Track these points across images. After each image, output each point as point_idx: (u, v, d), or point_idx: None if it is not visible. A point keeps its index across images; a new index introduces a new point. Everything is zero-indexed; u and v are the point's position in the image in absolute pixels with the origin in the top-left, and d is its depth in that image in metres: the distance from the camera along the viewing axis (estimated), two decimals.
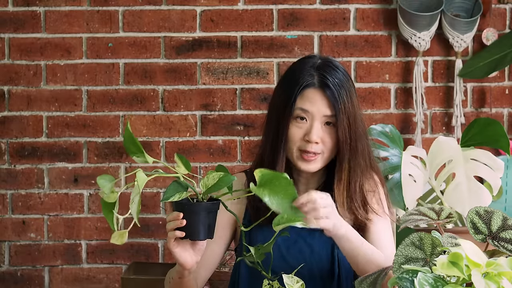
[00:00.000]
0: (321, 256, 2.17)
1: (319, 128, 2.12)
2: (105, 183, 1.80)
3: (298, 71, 2.17)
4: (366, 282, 1.76)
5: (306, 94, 2.13)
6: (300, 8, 3.53)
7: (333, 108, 2.11)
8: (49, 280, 3.54)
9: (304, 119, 2.13)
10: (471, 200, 2.57)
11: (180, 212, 1.88)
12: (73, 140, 3.53)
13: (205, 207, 1.88)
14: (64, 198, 3.53)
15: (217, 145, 3.53)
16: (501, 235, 1.75)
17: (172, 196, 1.85)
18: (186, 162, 1.91)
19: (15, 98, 3.52)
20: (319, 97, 2.13)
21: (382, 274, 1.75)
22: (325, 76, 2.13)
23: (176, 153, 1.94)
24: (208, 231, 1.89)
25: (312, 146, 2.12)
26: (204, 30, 3.53)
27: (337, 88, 2.13)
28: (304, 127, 2.13)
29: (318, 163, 2.14)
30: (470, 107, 3.57)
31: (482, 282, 1.50)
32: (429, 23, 3.43)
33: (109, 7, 3.52)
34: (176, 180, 1.87)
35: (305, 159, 2.13)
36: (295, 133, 2.13)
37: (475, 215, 1.78)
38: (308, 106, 2.12)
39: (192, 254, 1.95)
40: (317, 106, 2.12)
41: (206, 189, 1.87)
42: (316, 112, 2.12)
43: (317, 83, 2.13)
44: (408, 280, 1.58)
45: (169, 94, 3.53)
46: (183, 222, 1.87)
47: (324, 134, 2.13)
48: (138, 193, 1.79)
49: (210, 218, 1.89)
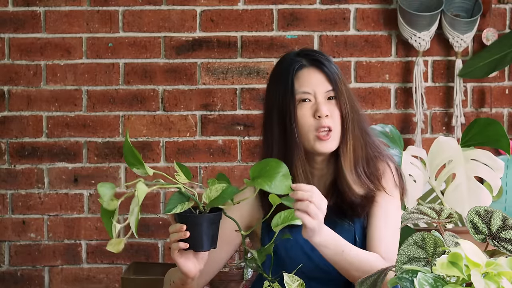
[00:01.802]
0: None
1: (325, 102, 2.14)
2: (105, 191, 1.80)
3: (284, 63, 2.20)
4: (367, 283, 1.76)
5: (302, 76, 2.16)
6: (300, 8, 3.53)
7: (330, 82, 2.15)
8: (49, 280, 3.54)
9: (307, 100, 2.15)
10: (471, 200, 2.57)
11: (183, 224, 1.87)
12: (73, 140, 3.53)
13: (208, 218, 1.87)
14: (64, 198, 3.53)
15: (217, 145, 3.53)
16: (501, 235, 1.75)
17: (174, 208, 1.84)
18: (186, 171, 1.91)
19: (15, 98, 3.52)
20: (314, 74, 2.16)
21: (382, 275, 1.74)
22: (312, 55, 2.18)
23: (176, 162, 1.93)
24: (211, 241, 1.89)
25: (325, 120, 2.12)
26: (204, 30, 3.53)
27: (327, 64, 2.17)
28: (310, 107, 2.14)
29: (334, 141, 2.15)
30: (470, 107, 3.57)
31: (481, 282, 1.50)
32: (429, 23, 3.43)
33: (109, 7, 3.52)
34: (178, 191, 1.87)
35: (322, 139, 2.13)
36: (305, 115, 2.14)
37: (475, 215, 1.78)
38: (308, 86, 2.14)
39: (196, 263, 1.95)
40: (316, 83, 2.15)
41: (210, 201, 1.86)
42: (317, 89, 2.14)
43: (308, 63, 2.17)
44: (408, 280, 1.58)
45: (169, 94, 3.53)
46: (187, 234, 1.87)
47: (330, 107, 2.14)
48: (138, 204, 1.79)
49: (213, 228, 1.88)
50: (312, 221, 1.92)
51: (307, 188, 1.92)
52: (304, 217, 1.91)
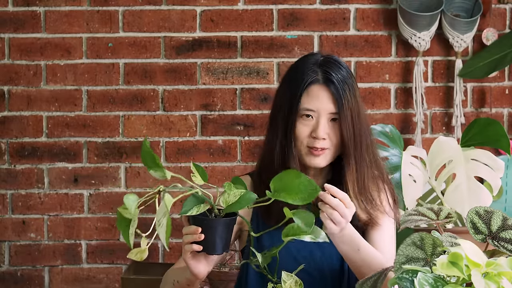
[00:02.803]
0: (332, 257, 2.18)
1: (325, 124, 2.13)
2: (131, 202, 1.80)
3: (301, 69, 2.17)
4: (367, 284, 1.76)
5: (311, 91, 2.14)
6: (300, 8, 3.53)
7: (336, 105, 2.13)
8: (49, 280, 3.54)
9: (310, 116, 2.14)
10: (471, 200, 2.57)
11: (198, 226, 1.87)
12: (73, 140, 3.53)
13: (224, 222, 1.87)
14: (64, 198, 3.53)
15: (217, 145, 3.53)
16: (501, 235, 1.75)
17: (190, 210, 1.85)
18: (203, 172, 1.90)
19: (15, 98, 3.52)
20: (324, 93, 2.13)
21: (382, 276, 1.74)
22: (329, 72, 2.14)
23: (193, 163, 1.93)
24: (224, 245, 1.89)
25: (320, 142, 2.12)
26: (204, 30, 3.53)
27: (341, 84, 2.14)
28: (310, 125, 2.14)
29: (325, 158, 2.15)
30: (470, 107, 3.56)
31: (482, 282, 1.50)
32: (429, 23, 3.43)
33: (109, 7, 3.52)
34: (193, 194, 1.87)
35: (314, 154, 2.13)
36: (302, 131, 2.14)
37: (475, 215, 1.78)
38: (314, 104, 2.13)
39: (205, 265, 1.95)
40: (323, 103, 2.13)
41: (227, 206, 1.86)
42: (322, 109, 2.13)
43: (321, 79, 2.14)
44: (408, 280, 1.58)
45: (169, 94, 3.53)
46: (201, 237, 1.87)
47: (330, 130, 2.14)
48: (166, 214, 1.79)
49: (227, 232, 1.89)
50: (333, 227, 1.96)
51: (338, 194, 1.95)
52: (327, 222, 1.95)
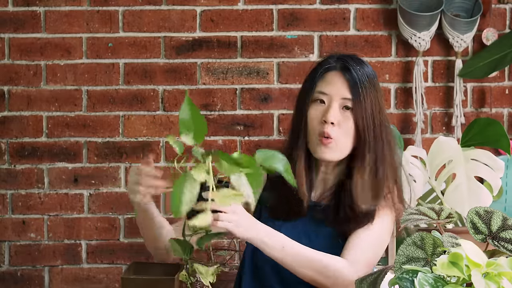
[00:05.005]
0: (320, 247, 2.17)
1: (336, 109, 2.13)
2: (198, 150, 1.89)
3: (322, 61, 2.22)
4: (366, 281, 1.76)
5: (327, 77, 2.16)
6: (300, 8, 3.53)
7: (351, 90, 2.13)
8: (49, 280, 3.54)
9: (323, 102, 2.15)
10: (471, 200, 2.57)
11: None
12: (73, 140, 3.53)
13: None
14: (64, 198, 3.53)
15: (217, 145, 3.53)
16: (501, 235, 1.75)
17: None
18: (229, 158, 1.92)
19: (15, 98, 3.52)
20: (339, 79, 2.15)
21: (383, 274, 1.75)
22: (348, 62, 2.17)
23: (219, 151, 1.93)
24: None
25: (328, 127, 2.11)
26: (204, 30, 3.53)
27: (358, 74, 2.15)
28: (322, 110, 2.14)
29: (334, 151, 2.13)
30: (470, 107, 3.57)
31: (482, 282, 1.50)
32: (429, 23, 3.43)
33: (109, 7, 3.52)
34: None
35: (322, 142, 2.12)
36: (314, 115, 2.15)
37: (475, 215, 1.78)
38: (327, 88, 2.14)
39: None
40: (336, 88, 2.14)
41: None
42: (334, 93, 2.14)
43: (339, 67, 2.16)
44: (408, 280, 1.58)
45: (169, 94, 3.53)
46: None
47: (341, 117, 2.13)
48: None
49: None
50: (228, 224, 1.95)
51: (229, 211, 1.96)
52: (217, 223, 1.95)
